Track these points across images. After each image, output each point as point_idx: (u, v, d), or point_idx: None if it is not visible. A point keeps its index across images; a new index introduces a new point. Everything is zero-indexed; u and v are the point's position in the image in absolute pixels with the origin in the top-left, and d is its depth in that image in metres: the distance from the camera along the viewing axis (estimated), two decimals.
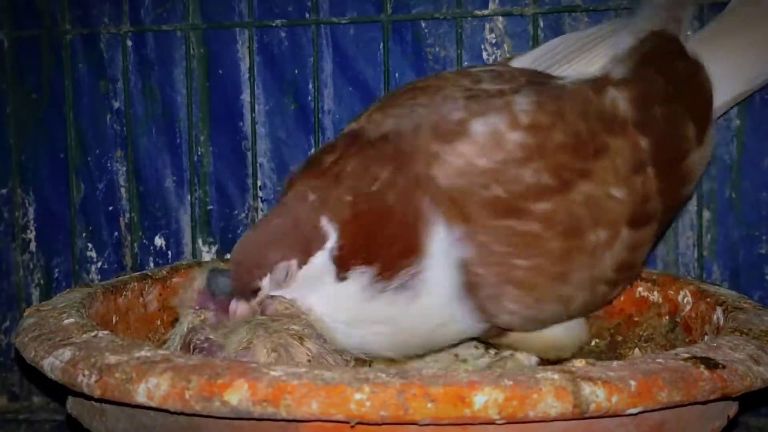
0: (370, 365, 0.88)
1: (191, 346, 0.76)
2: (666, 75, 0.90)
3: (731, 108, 1.04)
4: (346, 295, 0.78)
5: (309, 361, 0.74)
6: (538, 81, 0.90)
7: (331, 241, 0.78)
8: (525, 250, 0.79)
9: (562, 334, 0.87)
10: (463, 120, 0.81)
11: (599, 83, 0.87)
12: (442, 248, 0.78)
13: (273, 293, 0.79)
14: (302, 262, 0.78)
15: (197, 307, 0.85)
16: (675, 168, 0.89)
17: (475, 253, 0.78)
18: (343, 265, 0.78)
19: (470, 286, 0.78)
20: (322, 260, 0.78)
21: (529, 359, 0.90)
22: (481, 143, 0.80)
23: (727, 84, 0.96)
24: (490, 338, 0.89)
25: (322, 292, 0.79)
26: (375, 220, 0.78)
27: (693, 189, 0.98)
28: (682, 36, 0.95)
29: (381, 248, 0.78)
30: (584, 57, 0.98)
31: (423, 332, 0.81)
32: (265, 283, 0.78)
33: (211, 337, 0.76)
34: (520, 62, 0.98)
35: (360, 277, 0.77)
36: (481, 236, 0.78)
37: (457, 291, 0.78)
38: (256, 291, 0.78)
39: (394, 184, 0.79)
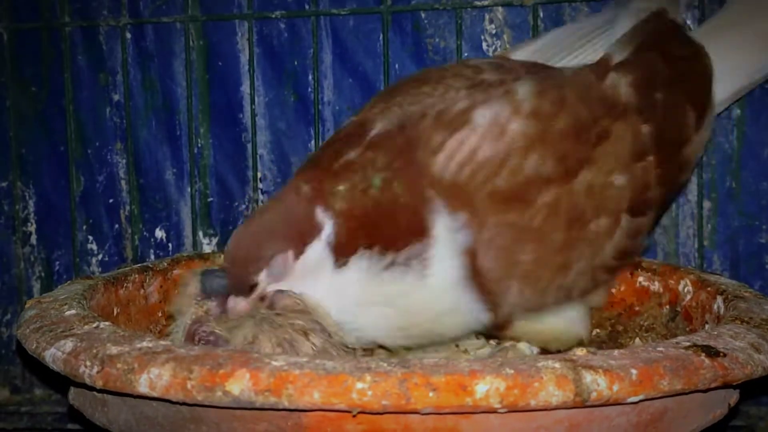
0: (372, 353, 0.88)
1: (196, 338, 0.76)
2: (667, 59, 0.90)
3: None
4: (347, 281, 0.78)
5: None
6: (538, 71, 0.90)
7: (327, 230, 0.78)
8: (528, 241, 0.79)
9: (563, 326, 0.87)
10: (466, 109, 0.81)
11: (600, 67, 0.87)
12: (446, 233, 0.77)
13: (271, 287, 0.79)
14: (298, 253, 0.78)
15: (199, 299, 0.85)
16: (675, 155, 0.89)
17: (478, 243, 0.78)
18: (341, 252, 0.78)
19: (474, 275, 0.78)
20: (318, 249, 0.78)
21: (530, 349, 0.90)
22: (484, 133, 0.80)
23: (729, 78, 0.96)
24: (493, 330, 0.89)
25: (322, 282, 0.79)
26: (375, 207, 0.78)
27: (690, 175, 0.98)
28: (678, 16, 0.95)
29: (382, 230, 0.77)
30: (585, 48, 0.98)
31: (427, 317, 0.80)
32: (262, 277, 0.78)
33: (216, 330, 0.76)
34: (519, 55, 0.98)
35: (360, 261, 0.77)
36: (485, 227, 0.78)
37: (461, 277, 0.78)
38: (253, 286, 0.78)
39: (396, 174, 0.79)
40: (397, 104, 0.85)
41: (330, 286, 0.79)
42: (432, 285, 0.78)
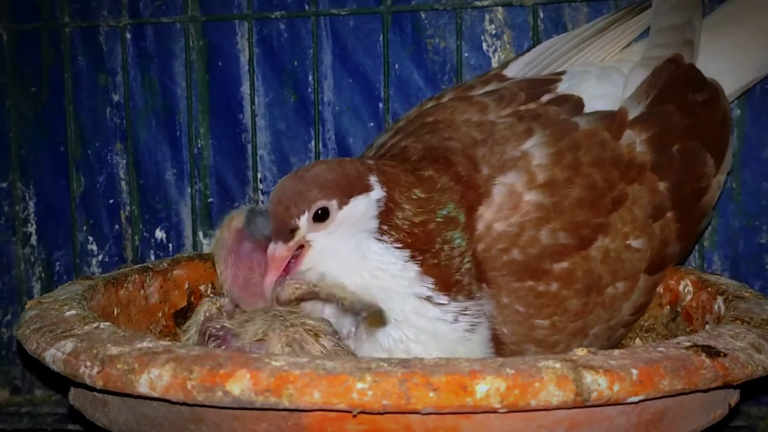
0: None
1: (206, 335, 0.76)
2: (683, 109, 0.89)
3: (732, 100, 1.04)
4: (383, 263, 0.78)
5: None
6: (536, 93, 0.90)
7: (377, 193, 0.78)
8: (545, 309, 0.80)
9: None
10: (485, 180, 0.82)
11: (616, 124, 0.86)
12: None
13: (310, 235, 0.78)
14: (342, 204, 0.77)
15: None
16: (694, 206, 0.88)
17: (497, 312, 0.79)
18: (386, 222, 0.78)
19: (494, 340, 0.80)
20: (363, 205, 0.78)
21: None
22: (499, 205, 0.81)
23: (732, 75, 0.95)
24: None
25: (358, 244, 0.78)
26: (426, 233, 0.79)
27: (709, 220, 0.98)
28: (695, 58, 0.93)
29: (427, 253, 0.79)
30: (578, 57, 0.98)
31: (443, 352, 0.80)
32: (303, 222, 0.77)
33: (226, 324, 0.76)
34: (514, 68, 0.98)
35: (402, 257, 0.78)
36: (503, 297, 0.79)
37: (485, 340, 0.80)
38: (294, 230, 0.78)
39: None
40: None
41: (362, 250, 0.78)
42: (470, 341, 0.79)
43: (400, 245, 0.78)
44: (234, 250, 0.87)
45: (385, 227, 0.78)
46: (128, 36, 1.21)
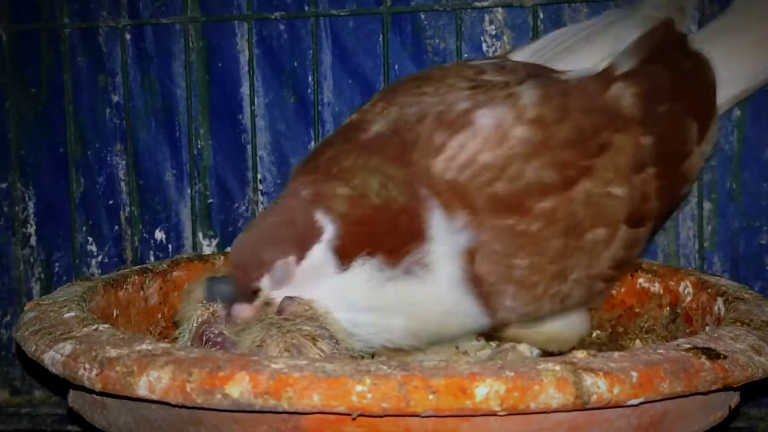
0: (372, 357, 0.87)
1: (204, 339, 0.76)
2: (672, 71, 0.89)
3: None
4: (350, 286, 0.78)
5: None
6: (539, 74, 0.89)
7: (328, 233, 0.77)
8: (525, 248, 0.79)
9: (563, 327, 0.87)
10: (468, 110, 0.81)
11: (605, 77, 0.86)
12: (444, 236, 0.77)
13: (274, 293, 0.78)
14: (300, 258, 0.77)
15: (204, 301, 0.84)
16: (675, 168, 0.89)
17: (476, 245, 0.78)
18: (344, 256, 0.77)
19: (473, 279, 0.78)
20: (320, 253, 0.77)
21: (531, 351, 0.90)
22: (486, 136, 0.79)
23: (731, 81, 0.95)
24: (492, 332, 0.89)
25: (326, 286, 0.78)
26: (375, 210, 0.78)
27: (691, 186, 0.98)
28: (685, 26, 0.95)
29: (382, 236, 0.77)
30: (584, 49, 0.98)
31: (431, 319, 0.80)
32: (265, 283, 0.77)
33: (224, 332, 0.76)
34: (520, 55, 0.98)
35: (363, 267, 0.77)
36: (483, 233, 0.78)
37: (460, 280, 0.78)
38: (256, 292, 0.78)
39: (393, 177, 0.78)
40: (397, 104, 0.85)
41: (333, 290, 0.78)
42: (434, 288, 0.78)
43: (358, 258, 0.77)
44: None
45: (343, 258, 0.77)
46: (128, 37, 1.21)
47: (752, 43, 0.96)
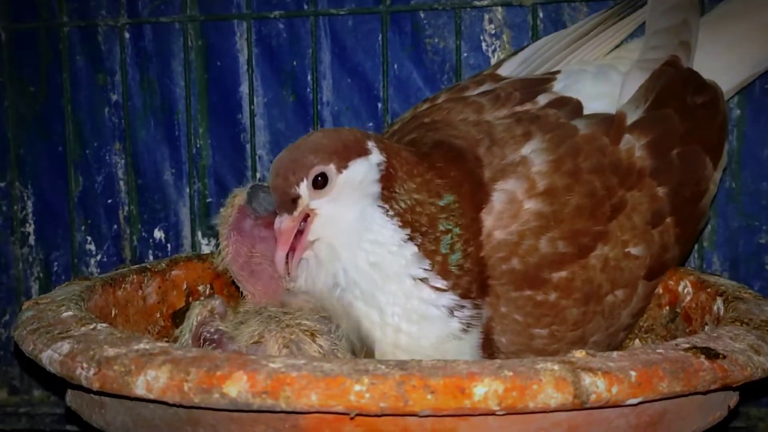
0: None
1: (201, 339, 0.76)
2: (682, 112, 0.88)
3: (731, 97, 1.04)
4: (383, 236, 0.77)
5: None
6: (531, 93, 0.89)
7: (376, 157, 0.77)
8: (544, 319, 0.79)
9: None
10: (487, 185, 0.81)
11: (615, 129, 0.85)
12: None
13: (314, 202, 0.77)
14: (341, 167, 0.76)
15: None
16: (693, 210, 0.88)
17: (495, 321, 0.79)
18: (388, 188, 0.77)
19: (486, 347, 0.79)
20: (363, 168, 0.77)
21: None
22: (499, 213, 0.80)
23: (729, 72, 0.95)
24: None
25: (362, 210, 0.77)
26: (426, 178, 0.80)
27: (707, 223, 0.97)
28: (691, 59, 0.93)
29: (422, 216, 0.78)
30: (573, 56, 0.98)
31: (436, 351, 0.79)
32: (303, 189, 0.77)
33: (221, 328, 0.76)
34: (508, 67, 0.98)
35: (406, 243, 0.77)
36: (502, 306, 0.79)
37: (482, 347, 0.79)
38: (296, 200, 0.77)
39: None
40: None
41: (367, 218, 0.78)
42: (460, 343, 0.79)
43: (400, 221, 0.78)
44: (236, 227, 0.87)
45: (387, 193, 0.77)
46: (127, 35, 1.21)
47: (751, 31, 0.96)
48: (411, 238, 0.78)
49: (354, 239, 0.78)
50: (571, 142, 0.84)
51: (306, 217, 0.78)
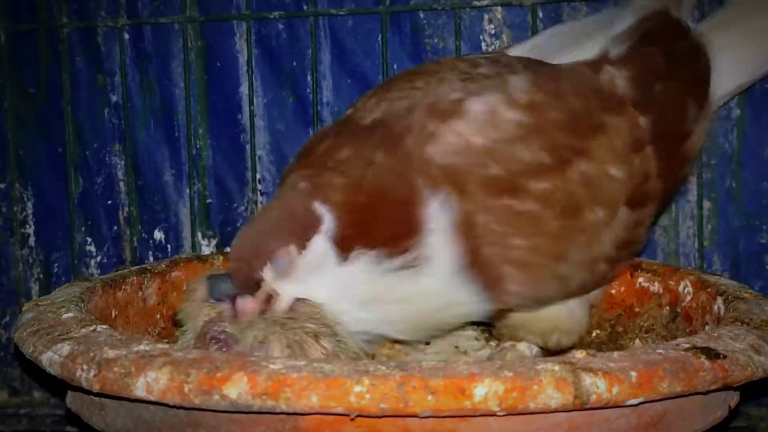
0: (373, 358, 0.87)
1: (207, 337, 0.76)
2: (666, 53, 0.90)
3: (731, 99, 1.04)
4: (351, 277, 0.78)
5: None
6: (534, 66, 0.89)
7: (327, 222, 0.77)
8: (523, 229, 0.78)
9: (564, 314, 0.87)
10: (460, 99, 0.81)
11: (597, 62, 0.87)
12: (440, 227, 0.77)
13: (276, 285, 0.78)
14: (300, 247, 0.77)
15: (209, 304, 0.84)
16: (675, 147, 0.89)
17: (473, 231, 0.77)
18: (343, 247, 0.77)
19: (471, 266, 0.78)
20: (320, 243, 0.77)
21: (530, 349, 0.90)
22: (478, 121, 0.79)
23: (731, 74, 0.95)
24: (494, 320, 0.89)
25: (327, 277, 0.78)
26: (370, 201, 0.78)
27: (692, 168, 0.97)
28: (681, 15, 0.95)
29: (379, 229, 0.77)
30: (583, 45, 0.98)
31: (430, 312, 0.80)
32: (267, 273, 0.77)
33: (227, 329, 0.76)
34: (517, 51, 0.98)
35: (362, 259, 0.77)
36: (479, 215, 0.77)
37: (458, 270, 0.78)
38: (259, 282, 0.78)
39: (388, 166, 0.78)
40: (389, 98, 0.85)
41: (335, 282, 0.78)
42: (432, 282, 0.78)
43: (361, 254, 0.77)
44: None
45: (345, 253, 0.78)
46: (126, 36, 1.21)
47: (751, 35, 0.97)
48: (368, 247, 0.78)
49: (329, 302, 0.79)
50: (552, 70, 0.86)
51: (268, 297, 0.79)
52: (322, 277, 0.79)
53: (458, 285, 0.79)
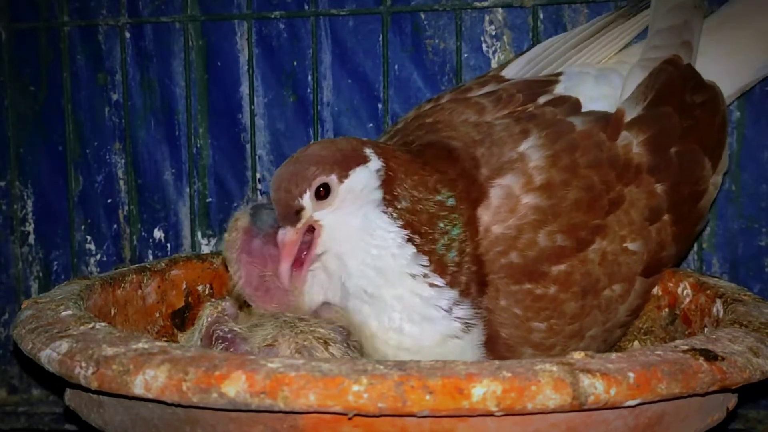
0: None
1: (214, 337, 0.76)
2: (681, 111, 0.88)
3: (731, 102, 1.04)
4: (385, 240, 0.78)
5: None
6: (533, 94, 0.89)
7: (375, 164, 0.78)
8: (542, 312, 0.80)
9: None
10: (484, 182, 0.81)
11: (613, 125, 0.86)
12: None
13: (317, 213, 0.78)
14: (342, 177, 0.77)
15: (254, 229, 0.84)
16: (690, 209, 0.88)
17: (494, 315, 0.79)
18: (390, 192, 0.78)
19: (488, 343, 0.79)
20: (364, 176, 0.77)
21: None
22: (496, 208, 0.80)
23: (730, 77, 0.95)
24: None
25: (366, 217, 0.78)
26: (424, 178, 0.80)
27: (705, 225, 0.98)
28: (693, 59, 0.93)
29: (422, 214, 0.79)
30: (577, 57, 0.98)
31: (431, 334, 0.80)
32: (307, 201, 0.77)
33: (235, 328, 0.76)
34: (512, 69, 0.98)
35: (405, 243, 0.78)
36: (501, 300, 0.79)
37: (481, 342, 0.79)
38: (299, 211, 0.77)
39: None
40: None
41: (370, 224, 0.78)
42: (460, 341, 0.79)
43: (401, 223, 0.78)
44: (244, 249, 0.86)
45: (388, 197, 0.78)
46: (127, 35, 1.21)
47: (751, 37, 0.96)
48: (410, 239, 0.78)
49: (359, 246, 0.78)
50: (568, 138, 0.84)
51: (309, 229, 0.79)
52: (361, 211, 0.78)
53: (478, 356, 0.80)
